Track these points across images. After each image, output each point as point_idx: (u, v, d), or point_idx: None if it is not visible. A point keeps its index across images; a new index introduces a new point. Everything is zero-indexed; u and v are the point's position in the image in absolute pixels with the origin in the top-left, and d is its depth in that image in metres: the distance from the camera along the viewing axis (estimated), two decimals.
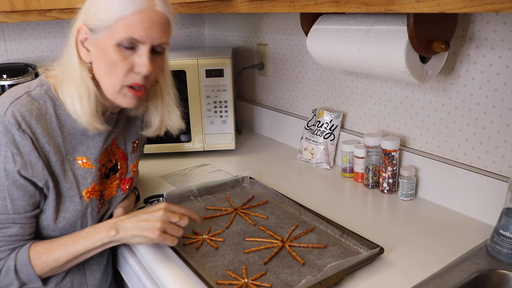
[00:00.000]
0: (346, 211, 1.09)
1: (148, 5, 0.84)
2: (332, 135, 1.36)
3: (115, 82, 0.87)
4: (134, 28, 0.83)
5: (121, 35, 0.83)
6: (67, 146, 0.91)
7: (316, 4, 0.86)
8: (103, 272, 1.04)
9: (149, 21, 0.84)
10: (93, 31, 0.85)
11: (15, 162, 0.83)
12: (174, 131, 1.05)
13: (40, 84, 0.90)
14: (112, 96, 0.90)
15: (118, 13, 0.82)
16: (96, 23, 0.84)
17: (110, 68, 0.86)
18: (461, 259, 0.87)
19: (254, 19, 1.68)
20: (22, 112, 0.84)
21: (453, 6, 0.63)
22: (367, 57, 0.99)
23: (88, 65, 0.88)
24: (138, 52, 0.86)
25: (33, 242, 0.88)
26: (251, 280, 0.82)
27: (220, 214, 1.08)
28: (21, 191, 0.84)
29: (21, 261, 0.86)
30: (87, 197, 0.93)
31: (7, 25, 1.63)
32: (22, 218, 0.86)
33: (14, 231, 0.86)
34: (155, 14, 0.85)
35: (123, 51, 0.85)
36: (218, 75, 1.44)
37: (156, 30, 0.85)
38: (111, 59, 0.85)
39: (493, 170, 1.00)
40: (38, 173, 0.85)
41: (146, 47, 0.86)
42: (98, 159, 0.96)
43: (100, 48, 0.85)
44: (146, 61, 0.86)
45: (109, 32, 0.84)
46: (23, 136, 0.83)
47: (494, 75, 0.95)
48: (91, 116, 0.88)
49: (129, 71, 0.87)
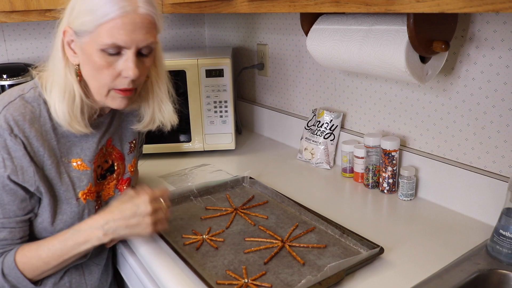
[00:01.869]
0: (346, 211, 1.09)
1: (130, 8, 0.80)
2: (332, 135, 1.36)
3: (102, 86, 0.86)
4: (117, 34, 0.80)
5: (104, 41, 0.80)
6: (62, 149, 0.90)
7: (316, 4, 0.86)
8: (102, 272, 1.04)
9: (132, 25, 0.81)
10: (77, 34, 0.83)
11: (6, 167, 0.82)
12: (167, 125, 1.02)
13: (34, 86, 0.89)
14: (100, 99, 0.89)
15: (100, 18, 0.79)
16: (79, 27, 0.82)
17: (96, 72, 0.85)
18: (461, 259, 0.87)
19: (254, 19, 1.68)
20: (15, 116, 0.83)
21: (453, 6, 0.63)
22: (367, 57, 0.99)
23: (75, 67, 0.87)
24: (123, 57, 0.84)
25: (20, 246, 0.88)
26: (251, 280, 0.82)
27: (220, 214, 1.08)
28: (11, 195, 0.84)
29: (8, 265, 0.86)
30: (83, 199, 0.93)
31: (7, 25, 1.63)
32: (12, 222, 0.86)
33: (3, 235, 0.86)
34: (138, 17, 0.81)
35: (108, 57, 0.83)
36: (218, 75, 1.43)
37: (140, 33, 0.82)
38: (96, 64, 0.83)
39: (493, 170, 1.00)
40: (29, 178, 0.84)
41: (131, 52, 0.83)
42: (93, 160, 0.95)
43: (85, 51, 0.84)
44: (132, 66, 0.83)
45: (93, 37, 0.81)
46: (15, 141, 0.82)
47: (494, 75, 0.95)
48: (70, 118, 0.86)
49: (117, 76, 0.85)
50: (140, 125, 1.01)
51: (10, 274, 0.86)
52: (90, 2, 0.80)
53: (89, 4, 0.81)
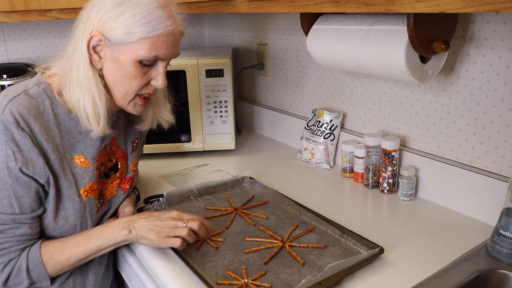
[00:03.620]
0: (346, 211, 1.09)
1: (173, 26, 0.86)
2: (332, 135, 1.36)
3: (130, 92, 0.90)
4: (160, 48, 0.86)
5: (145, 54, 0.85)
6: (65, 145, 0.91)
7: (316, 4, 0.86)
8: (104, 272, 1.05)
9: (173, 41, 0.88)
10: (111, 41, 0.85)
11: (16, 159, 0.83)
12: (165, 124, 1.07)
13: (37, 83, 0.90)
14: (122, 104, 0.92)
15: (146, 33, 0.84)
16: (118, 36, 0.84)
17: (126, 80, 0.88)
18: (461, 259, 0.87)
19: (254, 19, 1.68)
20: (20, 110, 0.84)
21: (453, 6, 0.63)
22: (367, 57, 0.99)
23: (99, 72, 0.89)
24: (156, 67, 0.90)
25: (43, 241, 0.89)
26: (251, 280, 0.82)
27: (220, 214, 1.08)
28: (25, 188, 0.85)
29: (33, 261, 0.86)
30: (84, 196, 0.93)
31: (7, 25, 1.63)
32: (29, 218, 0.86)
33: (23, 231, 0.86)
34: (177, 33, 0.88)
35: (143, 67, 0.88)
36: (218, 75, 1.44)
37: (176, 47, 0.90)
38: (129, 72, 0.87)
39: (493, 170, 1.00)
40: (39, 170, 0.85)
41: (165, 63, 0.90)
42: (96, 158, 0.96)
43: (118, 59, 0.86)
44: (164, 76, 0.90)
45: (131, 47, 0.85)
46: (22, 134, 0.83)
47: (494, 75, 0.95)
48: (104, 121, 0.89)
49: (146, 84, 0.91)
50: (144, 124, 1.04)
51: (35, 270, 0.87)
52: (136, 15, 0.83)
53: (134, 19, 0.83)
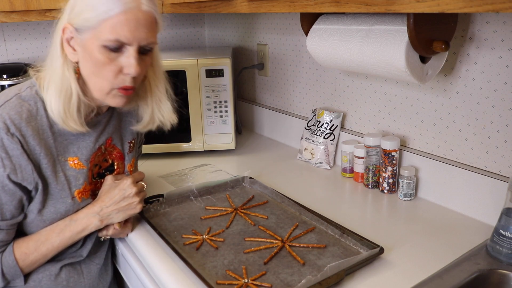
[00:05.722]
0: (346, 211, 1.09)
1: (133, 4, 0.81)
2: (332, 135, 1.36)
3: (104, 84, 0.86)
4: (119, 30, 0.81)
5: (106, 37, 0.81)
6: (58, 147, 0.90)
7: (316, 4, 0.86)
8: (102, 271, 1.05)
9: (135, 22, 0.81)
10: (78, 30, 0.83)
11: (5, 166, 0.82)
12: (166, 125, 1.02)
13: (30, 85, 0.90)
14: (100, 97, 0.89)
15: (103, 13, 0.80)
16: (81, 22, 0.82)
17: (97, 69, 0.85)
18: (461, 259, 0.87)
19: (254, 19, 1.68)
20: (11, 115, 0.83)
21: (453, 6, 0.63)
22: (367, 57, 0.99)
23: (74, 65, 0.87)
24: (125, 54, 0.84)
25: (15, 243, 0.89)
26: (251, 280, 0.82)
27: (220, 214, 1.08)
28: (9, 195, 0.85)
29: (8, 264, 0.88)
30: (78, 198, 0.94)
31: (7, 25, 1.63)
32: (8, 224, 0.87)
33: (1, 237, 0.87)
34: (141, 14, 0.82)
35: (110, 53, 0.83)
36: (218, 75, 1.44)
37: (142, 30, 0.83)
38: (97, 60, 0.83)
39: (493, 170, 1.00)
40: (28, 176, 0.85)
41: (133, 48, 0.84)
42: (89, 159, 0.96)
43: (86, 48, 0.84)
44: (133, 63, 0.84)
45: (94, 33, 0.82)
46: (11, 140, 0.82)
47: (494, 75, 0.95)
48: (66, 116, 0.86)
49: (118, 72, 0.85)
50: (140, 125, 1.01)
51: (9, 272, 0.88)
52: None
53: (92, 0, 0.81)
